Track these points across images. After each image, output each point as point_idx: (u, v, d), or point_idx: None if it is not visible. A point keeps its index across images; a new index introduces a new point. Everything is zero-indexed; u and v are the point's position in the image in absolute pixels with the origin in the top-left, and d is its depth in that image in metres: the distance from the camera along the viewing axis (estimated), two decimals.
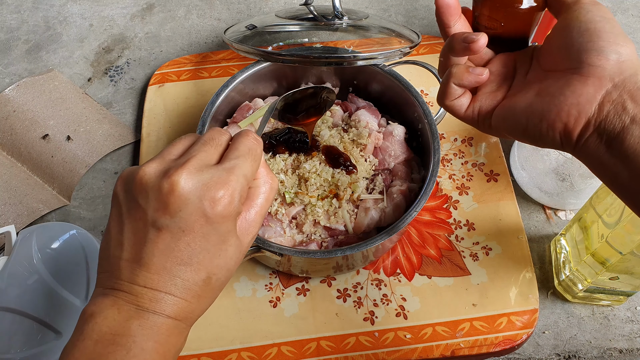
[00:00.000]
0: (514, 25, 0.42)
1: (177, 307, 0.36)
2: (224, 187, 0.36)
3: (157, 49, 0.86)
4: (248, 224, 0.39)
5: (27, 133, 0.74)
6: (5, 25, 0.89)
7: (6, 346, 0.56)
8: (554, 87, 0.37)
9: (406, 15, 0.89)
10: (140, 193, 0.36)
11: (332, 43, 0.79)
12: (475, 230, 0.67)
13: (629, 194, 0.36)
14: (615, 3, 0.89)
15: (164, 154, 0.38)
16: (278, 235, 0.61)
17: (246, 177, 0.38)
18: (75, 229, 0.64)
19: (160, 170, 0.36)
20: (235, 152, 0.39)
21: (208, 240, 0.36)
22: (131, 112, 0.81)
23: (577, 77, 0.36)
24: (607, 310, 0.64)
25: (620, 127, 0.34)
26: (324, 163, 0.63)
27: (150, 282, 0.35)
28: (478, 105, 0.41)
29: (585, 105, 0.35)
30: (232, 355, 0.61)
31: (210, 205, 0.35)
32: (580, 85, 0.35)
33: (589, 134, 0.36)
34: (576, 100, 0.35)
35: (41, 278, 0.58)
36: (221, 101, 0.65)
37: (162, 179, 0.36)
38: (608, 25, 0.36)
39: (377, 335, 0.61)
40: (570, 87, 0.36)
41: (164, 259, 0.35)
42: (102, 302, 0.36)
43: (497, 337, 0.61)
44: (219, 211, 0.36)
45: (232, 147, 0.39)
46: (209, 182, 0.36)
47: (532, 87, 0.39)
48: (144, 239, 0.36)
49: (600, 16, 0.36)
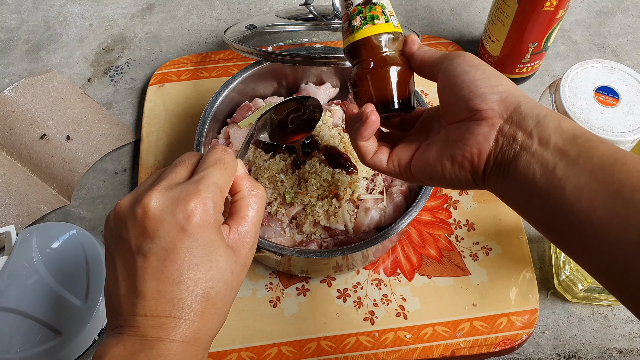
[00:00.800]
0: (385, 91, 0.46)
1: (181, 330, 0.35)
2: (195, 198, 0.36)
3: (157, 49, 0.86)
4: (241, 235, 0.39)
5: (26, 133, 0.74)
6: (5, 25, 0.89)
7: (6, 346, 0.56)
8: (456, 134, 0.41)
9: (406, 15, 0.89)
10: (120, 225, 0.37)
11: (332, 43, 0.79)
12: (475, 230, 0.67)
13: (530, 215, 0.39)
14: (615, 3, 0.89)
15: (138, 187, 0.39)
16: (278, 235, 0.61)
17: (217, 184, 0.38)
18: (75, 229, 0.64)
19: (133, 200, 0.37)
20: (203, 164, 0.39)
21: (193, 254, 0.36)
22: (131, 112, 0.81)
23: (473, 122, 0.40)
24: (607, 310, 0.64)
25: (512, 154, 0.38)
26: (324, 163, 0.63)
27: (149, 309, 0.35)
28: (396, 158, 0.46)
29: (484, 142, 0.40)
30: (232, 355, 0.61)
31: (184, 218, 0.36)
32: (477, 127, 0.40)
33: (490, 167, 0.40)
34: (475, 139, 0.40)
35: (41, 278, 0.58)
36: (221, 101, 0.65)
37: (135, 205, 0.36)
38: (479, 72, 0.41)
39: (377, 335, 0.61)
40: (469, 131, 0.40)
41: (156, 283, 0.35)
42: (109, 342, 0.35)
43: (497, 337, 0.61)
44: (196, 222, 0.36)
45: (201, 161, 0.40)
46: (178, 197, 0.36)
47: (440, 139, 0.44)
48: (134, 268, 0.36)
49: (469, 66, 0.41)
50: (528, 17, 0.68)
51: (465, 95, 0.40)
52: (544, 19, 0.68)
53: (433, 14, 0.89)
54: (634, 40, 0.85)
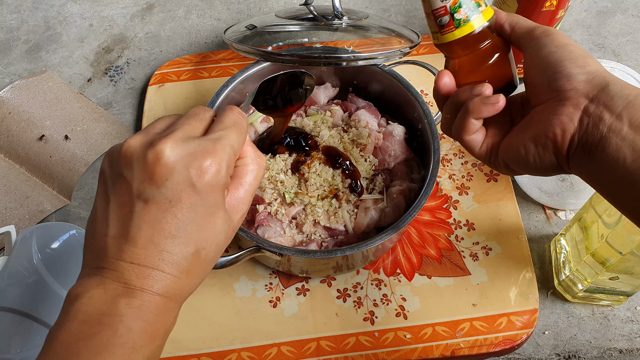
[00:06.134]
0: (494, 78, 0.44)
1: (165, 284, 0.35)
2: (211, 157, 0.35)
3: (157, 49, 0.86)
4: (237, 201, 0.38)
5: (23, 134, 0.74)
6: (5, 25, 0.89)
7: (6, 346, 0.56)
8: (540, 116, 0.41)
9: (406, 15, 0.89)
10: (125, 165, 0.35)
11: (332, 43, 0.79)
12: (475, 230, 0.67)
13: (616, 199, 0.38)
14: (615, 3, 0.89)
15: (148, 129, 0.38)
16: (278, 235, 0.61)
17: (233, 148, 0.37)
18: (75, 229, 0.64)
19: (145, 142, 0.36)
20: (220, 124, 0.38)
21: (196, 211, 0.35)
22: (131, 112, 0.81)
23: (557, 102, 0.39)
24: (607, 310, 0.64)
25: (599, 137, 0.37)
26: (324, 163, 0.63)
27: (138, 257, 0.34)
28: (490, 141, 0.45)
29: (568, 122, 0.38)
30: (232, 355, 0.61)
31: (197, 174, 0.34)
32: (561, 107, 0.39)
33: (575, 148, 0.39)
34: (559, 119, 0.39)
35: (41, 278, 0.58)
36: (221, 101, 0.65)
37: (147, 149, 0.35)
38: (566, 52, 0.39)
39: (377, 335, 0.61)
40: (553, 111, 0.39)
41: (151, 232, 0.34)
42: (87, 282, 0.34)
43: (497, 337, 0.61)
44: (207, 181, 0.35)
45: (217, 120, 0.39)
46: (195, 151, 0.35)
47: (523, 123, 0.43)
48: (130, 212, 0.34)
49: (555, 46, 0.40)
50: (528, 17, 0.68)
51: (551, 76, 0.39)
52: (543, 19, 0.68)
53: None
54: (634, 40, 0.85)
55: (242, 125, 0.39)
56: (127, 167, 0.35)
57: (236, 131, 0.38)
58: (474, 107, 0.42)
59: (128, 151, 0.35)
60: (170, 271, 0.35)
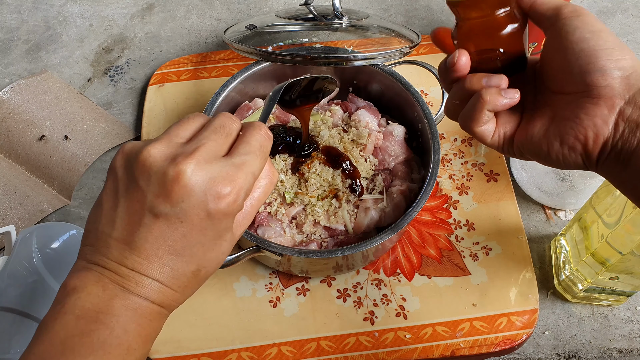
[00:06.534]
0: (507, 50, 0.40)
1: (162, 295, 0.35)
2: (231, 184, 0.35)
3: (157, 49, 0.86)
4: (242, 216, 0.38)
5: (23, 134, 0.74)
6: (5, 25, 0.89)
7: (6, 346, 0.56)
8: (567, 111, 0.37)
9: (406, 15, 0.89)
10: (142, 174, 0.34)
11: (332, 43, 0.79)
12: (475, 230, 0.67)
13: None
14: (615, 3, 0.89)
15: (171, 135, 0.36)
16: (278, 235, 0.61)
17: (254, 175, 0.37)
18: (75, 229, 0.64)
19: (167, 155, 0.35)
20: (246, 146, 0.37)
21: (205, 234, 0.35)
22: (131, 112, 0.81)
23: (588, 99, 0.36)
24: (607, 310, 0.64)
25: (636, 143, 0.34)
26: (324, 163, 0.63)
27: (139, 266, 0.34)
28: (502, 130, 0.41)
29: (602, 126, 0.35)
30: (232, 355, 0.61)
31: (214, 200, 0.34)
32: (593, 106, 0.35)
33: (607, 153, 0.36)
34: (591, 121, 0.35)
35: (41, 278, 0.58)
36: (221, 101, 0.65)
37: (168, 164, 0.34)
38: (601, 41, 0.36)
39: (377, 335, 0.61)
40: (584, 110, 0.36)
41: (157, 247, 0.34)
42: (85, 276, 0.35)
43: (497, 337, 0.61)
44: (222, 208, 0.34)
45: (243, 139, 0.37)
46: (216, 177, 0.34)
47: (545, 112, 0.39)
48: (138, 222, 0.34)
49: (589, 32, 0.36)
50: None
51: (583, 66, 0.35)
52: None
53: (433, 14, 0.89)
54: (634, 40, 0.85)
55: (266, 149, 0.38)
56: (144, 176, 0.34)
57: (260, 157, 0.37)
58: (491, 99, 0.38)
59: (148, 161, 0.34)
60: (169, 284, 0.36)
